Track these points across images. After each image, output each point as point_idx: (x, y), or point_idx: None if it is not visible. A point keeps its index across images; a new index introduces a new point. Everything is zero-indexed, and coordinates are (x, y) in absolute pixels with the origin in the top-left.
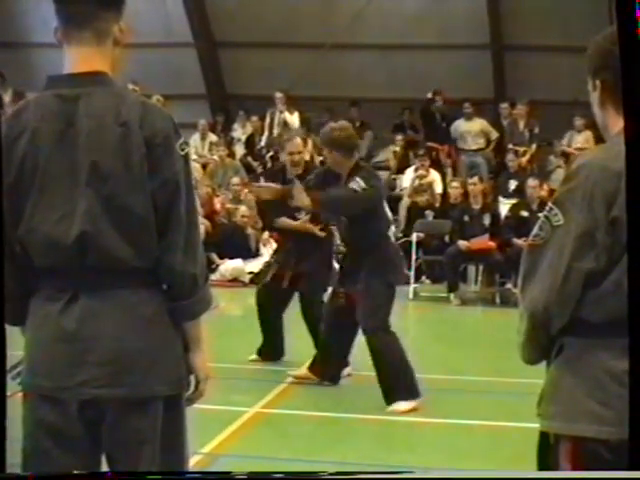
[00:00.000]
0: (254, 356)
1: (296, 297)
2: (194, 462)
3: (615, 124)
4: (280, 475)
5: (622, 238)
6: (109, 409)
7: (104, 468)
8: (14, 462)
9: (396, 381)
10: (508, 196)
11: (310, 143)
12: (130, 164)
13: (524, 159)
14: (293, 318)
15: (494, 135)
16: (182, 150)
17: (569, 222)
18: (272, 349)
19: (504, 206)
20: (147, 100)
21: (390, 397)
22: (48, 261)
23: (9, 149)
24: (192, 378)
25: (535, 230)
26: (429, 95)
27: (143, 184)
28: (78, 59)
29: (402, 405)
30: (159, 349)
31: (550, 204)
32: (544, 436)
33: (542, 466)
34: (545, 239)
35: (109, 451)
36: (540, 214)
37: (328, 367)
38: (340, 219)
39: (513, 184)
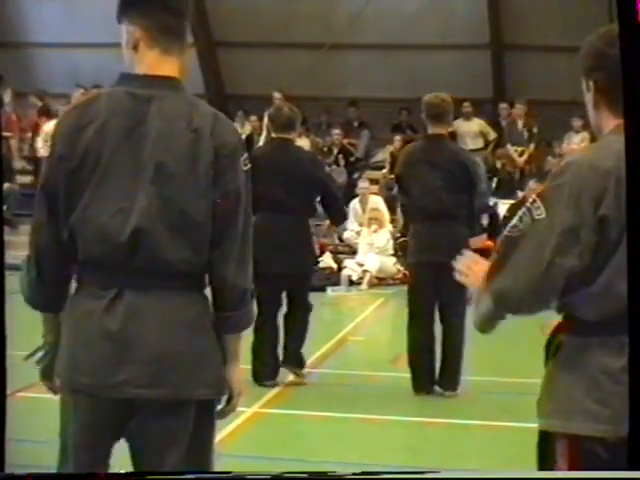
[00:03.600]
0: None
1: None
2: None
3: (608, 124)
4: (304, 475)
5: (611, 237)
6: (143, 407)
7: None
8: (14, 462)
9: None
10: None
11: (308, 142)
12: (197, 170)
13: (522, 159)
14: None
15: (492, 135)
16: (245, 165)
17: (552, 217)
18: None
19: (503, 206)
20: (218, 112)
21: None
22: (97, 253)
23: (76, 136)
24: (226, 391)
25: (514, 221)
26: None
27: (206, 191)
28: (155, 63)
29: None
30: (201, 352)
31: (534, 197)
32: (543, 434)
33: (542, 464)
34: (523, 231)
35: (136, 448)
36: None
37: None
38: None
39: None
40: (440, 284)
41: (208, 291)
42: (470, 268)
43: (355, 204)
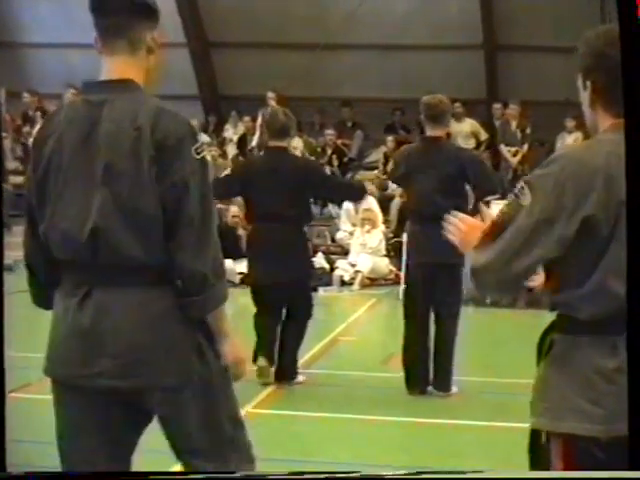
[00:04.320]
0: None
1: None
2: None
3: (603, 124)
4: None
5: (600, 236)
6: (135, 395)
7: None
8: (14, 462)
9: None
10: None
11: (301, 143)
12: (140, 166)
13: (516, 159)
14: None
15: (483, 136)
16: (198, 154)
17: (534, 205)
18: None
19: (495, 206)
20: (165, 106)
21: None
22: (66, 256)
23: (40, 149)
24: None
25: (503, 206)
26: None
27: (153, 186)
28: (112, 67)
29: None
30: (168, 344)
31: (522, 183)
32: (534, 433)
33: (533, 462)
34: (510, 215)
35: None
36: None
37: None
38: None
39: None
40: (435, 285)
41: None
42: (460, 228)
43: (348, 204)
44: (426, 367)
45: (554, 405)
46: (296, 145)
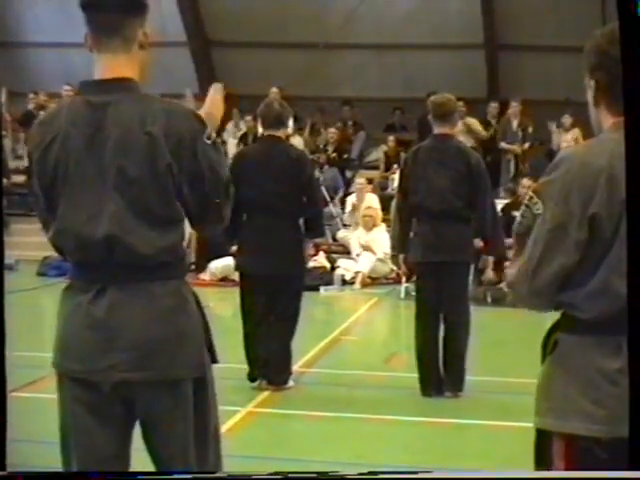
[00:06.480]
0: None
1: None
2: None
3: (606, 123)
4: (312, 475)
5: (604, 235)
6: (140, 390)
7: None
8: (14, 462)
9: None
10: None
11: (302, 141)
12: (155, 171)
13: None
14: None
15: (483, 135)
16: (209, 139)
17: (545, 212)
18: None
19: (499, 205)
20: (171, 106)
21: None
22: (77, 257)
23: (45, 152)
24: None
25: (518, 218)
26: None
27: (168, 187)
28: (107, 66)
29: None
30: (182, 336)
31: (531, 193)
32: (540, 433)
33: (538, 462)
34: (528, 227)
35: (145, 428)
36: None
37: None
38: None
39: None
40: (445, 284)
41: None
42: None
43: (351, 201)
44: (439, 367)
45: (557, 405)
46: (296, 144)
